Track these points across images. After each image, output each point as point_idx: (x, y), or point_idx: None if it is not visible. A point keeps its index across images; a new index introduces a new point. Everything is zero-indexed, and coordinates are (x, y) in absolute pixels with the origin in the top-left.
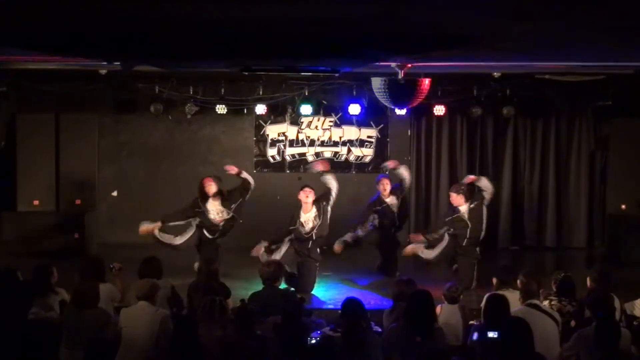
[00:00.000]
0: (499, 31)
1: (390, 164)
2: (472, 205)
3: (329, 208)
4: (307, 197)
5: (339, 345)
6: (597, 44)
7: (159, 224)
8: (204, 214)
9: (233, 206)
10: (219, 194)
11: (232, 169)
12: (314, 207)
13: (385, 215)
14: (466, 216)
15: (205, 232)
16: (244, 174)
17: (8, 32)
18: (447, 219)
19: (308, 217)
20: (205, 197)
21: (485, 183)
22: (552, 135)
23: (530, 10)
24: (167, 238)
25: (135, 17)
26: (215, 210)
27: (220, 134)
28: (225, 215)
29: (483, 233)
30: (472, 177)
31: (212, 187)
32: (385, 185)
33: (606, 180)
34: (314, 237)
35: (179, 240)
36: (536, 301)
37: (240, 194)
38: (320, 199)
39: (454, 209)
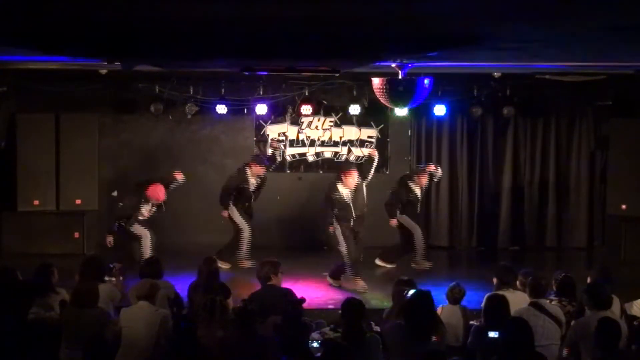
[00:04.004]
0: (499, 31)
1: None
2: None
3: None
4: (254, 174)
5: (342, 350)
6: (597, 44)
7: None
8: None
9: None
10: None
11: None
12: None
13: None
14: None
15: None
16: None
17: (8, 32)
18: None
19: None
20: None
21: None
22: (552, 135)
23: (531, 10)
24: None
25: (135, 17)
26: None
27: (220, 134)
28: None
29: None
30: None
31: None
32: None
33: (606, 180)
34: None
35: None
36: (541, 301)
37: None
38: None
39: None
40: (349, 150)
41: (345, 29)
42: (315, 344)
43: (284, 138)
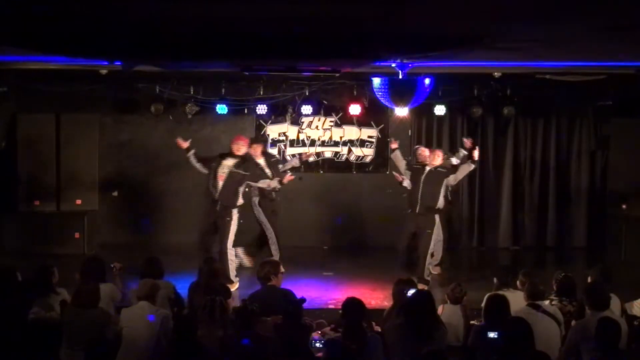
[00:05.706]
0: (499, 31)
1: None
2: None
3: None
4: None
5: (344, 350)
6: (597, 44)
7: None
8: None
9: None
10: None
11: None
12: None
13: None
14: None
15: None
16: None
17: (9, 32)
18: None
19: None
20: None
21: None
22: (552, 135)
23: (531, 10)
24: None
25: (136, 17)
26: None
27: (221, 134)
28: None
29: None
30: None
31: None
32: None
33: (606, 180)
34: None
35: None
36: (539, 302)
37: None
38: None
39: None
40: (350, 150)
41: (345, 29)
42: (316, 344)
43: (284, 138)
